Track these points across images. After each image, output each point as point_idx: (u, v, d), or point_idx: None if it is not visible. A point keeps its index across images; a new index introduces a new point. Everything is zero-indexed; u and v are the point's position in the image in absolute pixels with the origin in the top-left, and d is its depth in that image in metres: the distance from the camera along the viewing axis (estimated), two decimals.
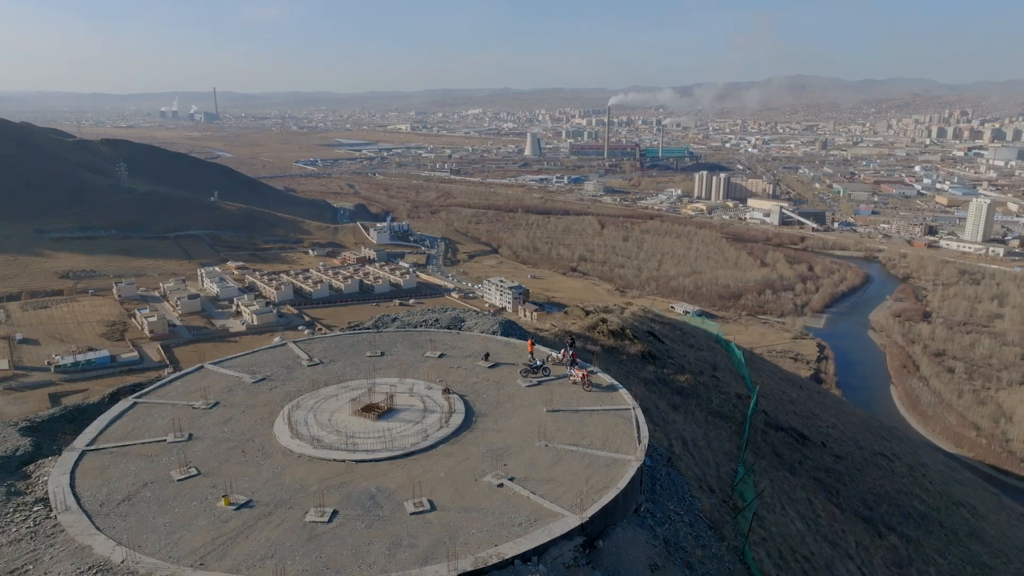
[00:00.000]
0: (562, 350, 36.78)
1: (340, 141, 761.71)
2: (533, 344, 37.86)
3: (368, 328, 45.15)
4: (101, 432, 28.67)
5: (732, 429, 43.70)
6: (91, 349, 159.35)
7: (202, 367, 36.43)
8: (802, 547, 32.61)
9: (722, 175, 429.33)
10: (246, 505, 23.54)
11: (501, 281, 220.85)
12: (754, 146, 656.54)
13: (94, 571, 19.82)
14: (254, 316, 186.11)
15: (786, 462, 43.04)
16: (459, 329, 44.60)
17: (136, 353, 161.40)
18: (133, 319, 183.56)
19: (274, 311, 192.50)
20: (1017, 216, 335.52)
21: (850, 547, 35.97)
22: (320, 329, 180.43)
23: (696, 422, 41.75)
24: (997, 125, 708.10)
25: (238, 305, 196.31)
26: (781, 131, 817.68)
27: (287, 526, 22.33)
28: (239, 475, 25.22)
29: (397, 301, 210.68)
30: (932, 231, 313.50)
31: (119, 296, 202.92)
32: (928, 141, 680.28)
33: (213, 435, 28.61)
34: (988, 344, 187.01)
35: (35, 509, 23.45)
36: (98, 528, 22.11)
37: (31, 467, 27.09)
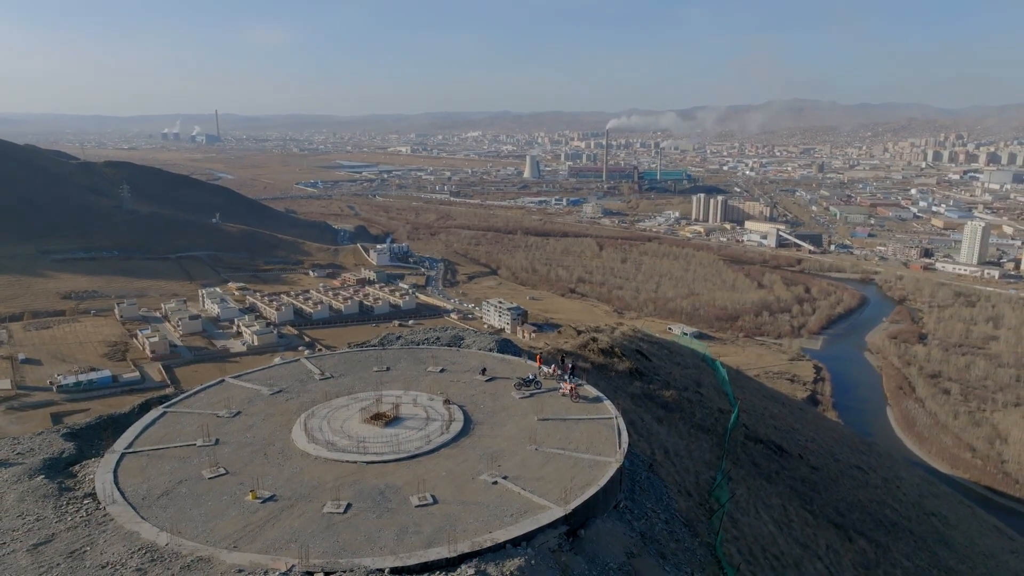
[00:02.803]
0: (552, 365, 40.14)
1: (341, 163, 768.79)
2: (542, 360, 41.20)
3: (374, 346, 48.49)
4: (137, 437, 32.00)
5: (713, 441, 46.76)
6: (93, 369, 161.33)
7: (223, 381, 39.71)
8: (772, 546, 35.54)
9: (720, 198, 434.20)
10: (271, 499, 26.76)
11: (500, 302, 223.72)
12: (751, 169, 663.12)
13: (143, 551, 22.96)
14: (255, 336, 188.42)
15: (763, 472, 46.02)
16: (458, 347, 47.95)
17: (138, 373, 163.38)
18: (135, 339, 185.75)
19: (274, 332, 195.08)
20: (1012, 239, 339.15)
21: (820, 549, 38.86)
22: (320, 350, 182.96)
23: (679, 434, 44.81)
24: (992, 149, 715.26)
25: (239, 326, 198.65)
26: (779, 154, 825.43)
27: (308, 516, 25.50)
28: (263, 474, 28.42)
29: (397, 322, 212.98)
30: (928, 253, 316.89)
31: (121, 316, 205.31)
32: (924, 164, 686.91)
33: (237, 440, 31.87)
34: (983, 366, 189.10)
35: (85, 502, 26.66)
36: (143, 517, 25.31)
37: (76, 467, 30.37)
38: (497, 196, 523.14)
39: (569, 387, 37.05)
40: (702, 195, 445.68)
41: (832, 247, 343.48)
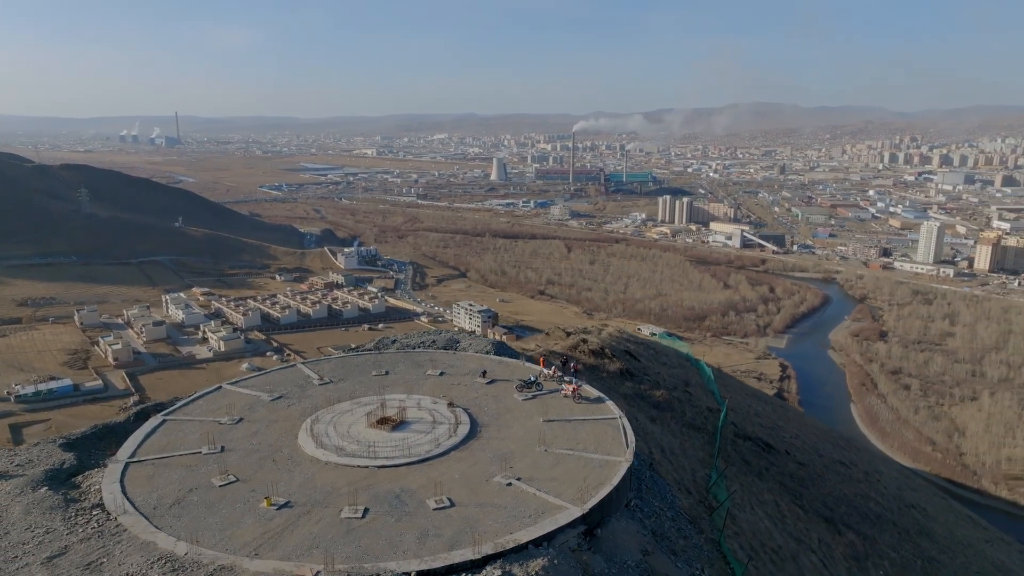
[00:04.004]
0: (552, 367, 40.46)
1: (305, 166, 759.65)
2: (545, 361, 41.50)
3: (370, 350, 48.27)
4: (139, 446, 31.43)
5: (704, 439, 47.66)
6: (53, 378, 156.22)
7: (220, 387, 39.17)
8: (770, 541, 36.39)
9: (685, 199, 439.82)
10: (286, 505, 26.58)
11: (470, 305, 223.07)
12: (715, 171, 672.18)
13: (163, 562, 22.57)
14: (221, 342, 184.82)
15: (754, 468, 47.06)
16: (455, 349, 47.95)
17: (100, 381, 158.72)
18: (96, 347, 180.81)
19: (241, 337, 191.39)
20: (965, 238, 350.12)
21: (813, 543, 39.88)
22: (289, 355, 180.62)
23: (672, 433, 45.55)
24: (945, 151, 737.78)
25: (204, 331, 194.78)
26: (741, 156, 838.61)
27: (326, 522, 25.36)
28: (274, 480, 28.17)
29: (366, 326, 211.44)
30: (886, 253, 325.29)
31: (81, 323, 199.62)
32: (881, 166, 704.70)
33: (244, 447, 31.50)
34: (941, 361, 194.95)
35: (94, 513, 26.09)
36: (157, 527, 24.91)
37: (79, 478, 29.65)
38: (464, 199, 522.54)
39: (571, 388, 37.39)
40: (668, 197, 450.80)
41: (795, 247, 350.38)
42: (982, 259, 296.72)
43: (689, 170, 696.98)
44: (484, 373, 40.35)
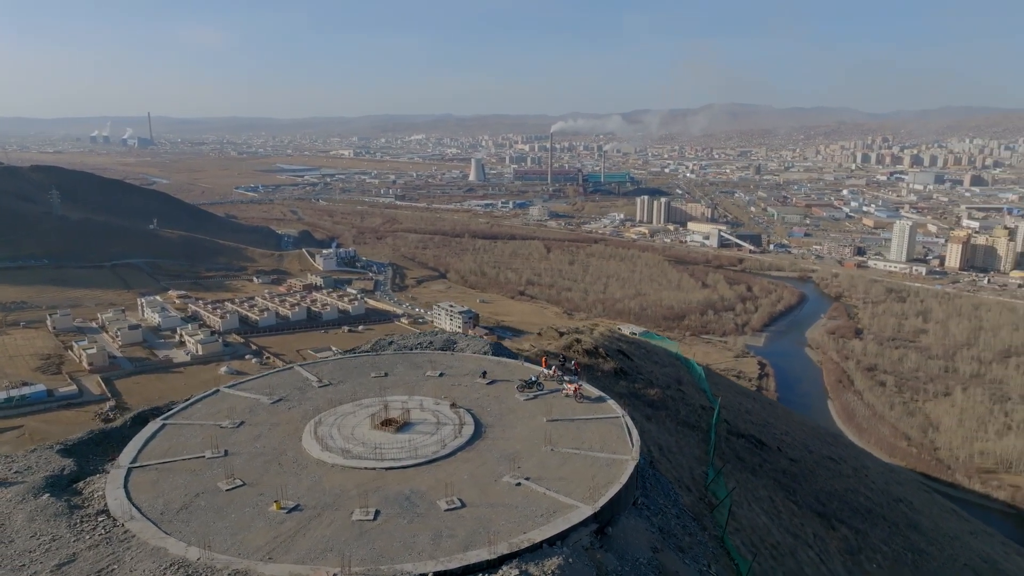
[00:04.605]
0: (552, 367, 40.58)
1: (281, 167, 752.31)
2: (547, 361, 41.55)
3: (367, 351, 48.05)
4: (140, 451, 30.95)
5: (699, 437, 48.14)
6: (25, 383, 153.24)
7: (218, 391, 38.76)
8: (769, 537, 36.87)
9: (663, 200, 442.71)
10: (295, 509, 26.37)
11: (451, 306, 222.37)
12: (692, 171, 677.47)
13: (175, 568, 22.26)
14: (199, 346, 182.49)
15: (748, 465, 47.64)
16: (452, 350, 47.90)
17: (75, 387, 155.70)
18: (70, 351, 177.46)
19: (219, 340, 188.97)
20: (936, 237, 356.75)
21: (808, 538, 40.47)
22: (268, 358, 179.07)
23: (668, 431, 45.94)
24: (915, 151, 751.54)
25: (181, 335, 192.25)
26: (717, 156, 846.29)
27: (337, 525, 25.20)
28: (282, 484, 27.93)
29: (346, 328, 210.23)
30: (861, 252, 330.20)
31: (54, 328, 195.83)
32: (854, 166, 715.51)
33: (247, 450, 31.20)
34: (915, 358, 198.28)
35: (100, 519, 25.66)
36: (166, 532, 24.56)
37: (80, 484, 29.14)
38: (443, 199, 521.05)
39: (573, 388, 37.53)
40: (645, 197, 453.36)
41: (771, 247, 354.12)
42: (953, 257, 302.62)
43: (666, 170, 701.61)
44: (484, 374, 40.38)
